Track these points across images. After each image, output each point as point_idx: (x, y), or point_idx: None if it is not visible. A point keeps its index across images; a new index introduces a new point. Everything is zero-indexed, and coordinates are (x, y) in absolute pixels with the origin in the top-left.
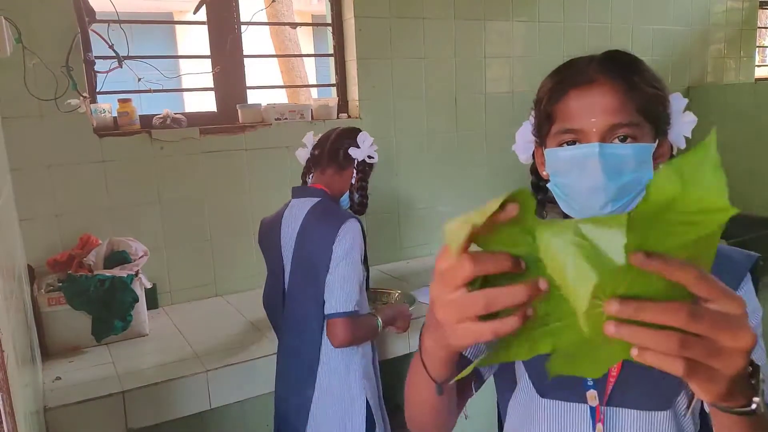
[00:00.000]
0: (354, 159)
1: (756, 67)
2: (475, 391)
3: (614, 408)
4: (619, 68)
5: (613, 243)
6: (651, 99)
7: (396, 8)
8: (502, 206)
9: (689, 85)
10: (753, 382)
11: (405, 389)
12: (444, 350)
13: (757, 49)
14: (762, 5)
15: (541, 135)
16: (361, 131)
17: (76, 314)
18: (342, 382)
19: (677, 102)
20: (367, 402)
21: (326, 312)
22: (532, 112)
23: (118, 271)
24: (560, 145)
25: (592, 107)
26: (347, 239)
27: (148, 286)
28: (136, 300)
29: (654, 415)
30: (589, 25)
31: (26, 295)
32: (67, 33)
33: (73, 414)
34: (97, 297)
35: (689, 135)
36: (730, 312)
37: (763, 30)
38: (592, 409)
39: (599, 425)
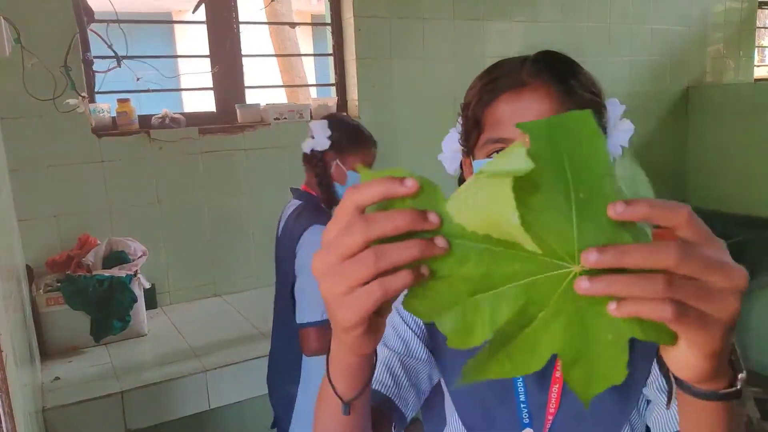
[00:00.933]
0: (317, 153)
1: (755, 67)
2: None
3: None
4: (554, 71)
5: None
6: (588, 105)
7: (395, 8)
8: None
9: (688, 85)
10: (733, 358)
11: (314, 407)
12: (345, 350)
13: (756, 49)
14: (761, 5)
15: (469, 144)
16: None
17: (75, 314)
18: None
19: (614, 108)
20: None
21: (297, 321)
22: (459, 119)
23: (117, 271)
24: (489, 155)
25: (525, 114)
26: (306, 246)
27: (147, 286)
28: (135, 300)
29: None
30: (588, 25)
31: (25, 296)
32: (65, 33)
33: (71, 414)
34: (96, 297)
35: (626, 144)
36: (717, 253)
37: (762, 30)
38: None
39: None
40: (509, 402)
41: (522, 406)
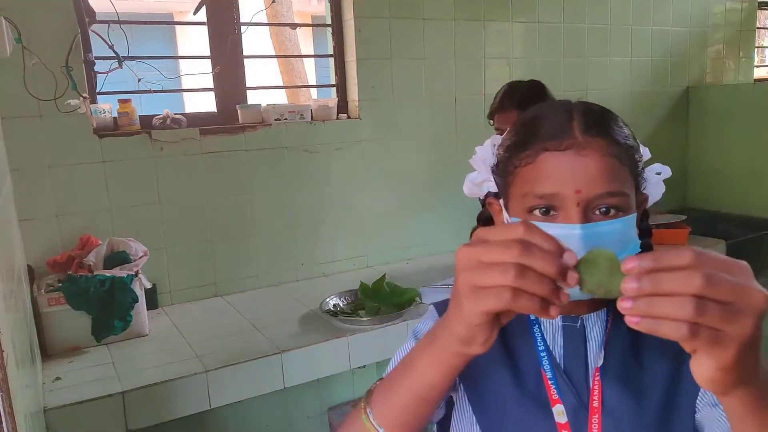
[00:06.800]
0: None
1: (755, 68)
2: None
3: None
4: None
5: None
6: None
7: (396, 8)
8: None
9: (688, 85)
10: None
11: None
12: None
13: (756, 49)
14: (761, 6)
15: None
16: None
17: (76, 314)
18: None
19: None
20: None
21: None
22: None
23: (118, 272)
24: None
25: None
26: None
27: (148, 286)
28: (136, 300)
29: None
30: (588, 26)
31: (26, 296)
32: (67, 33)
33: (72, 414)
34: (97, 297)
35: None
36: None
37: (762, 30)
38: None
39: None
40: None
41: None
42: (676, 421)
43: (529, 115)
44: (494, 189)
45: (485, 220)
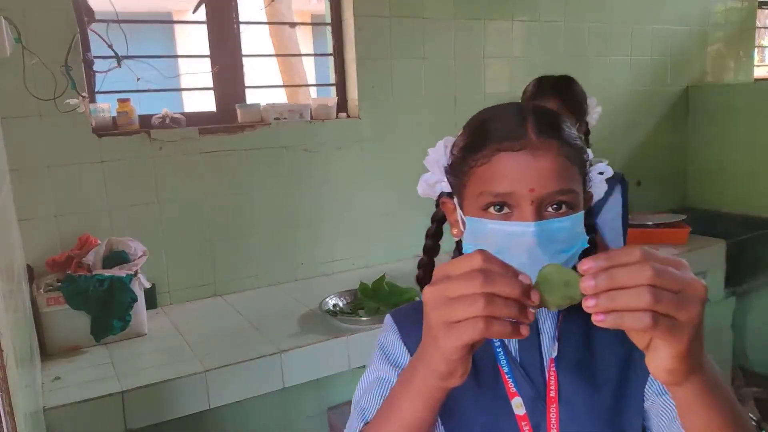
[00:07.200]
0: None
1: (755, 67)
2: None
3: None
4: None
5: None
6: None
7: (396, 8)
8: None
9: (688, 84)
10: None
11: None
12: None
13: (756, 48)
14: (761, 5)
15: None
16: None
17: (75, 314)
18: None
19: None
20: None
21: None
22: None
23: (117, 271)
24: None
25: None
26: None
27: (147, 285)
28: (135, 300)
29: None
30: (589, 25)
31: (25, 295)
32: (66, 33)
33: (72, 414)
34: (96, 297)
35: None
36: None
37: (762, 30)
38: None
39: None
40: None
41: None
42: (627, 409)
43: (483, 116)
44: (447, 189)
45: (439, 220)
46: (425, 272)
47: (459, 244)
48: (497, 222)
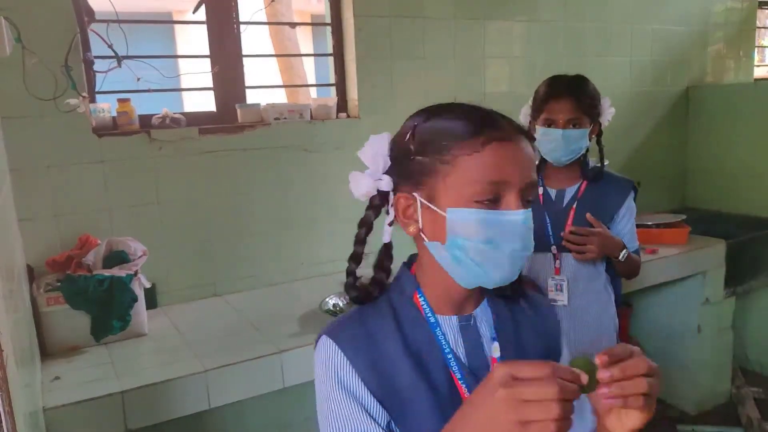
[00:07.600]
0: None
1: (755, 67)
2: None
3: None
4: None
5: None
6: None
7: (396, 8)
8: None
9: (688, 85)
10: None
11: None
12: None
13: (756, 48)
14: (761, 5)
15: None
16: None
17: (75, 314)
18: None
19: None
20: None
21: None
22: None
23: (117, 271)
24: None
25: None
26: None
27: (147, 285)
28: (135, 300)
29: None
30: (588, 25)
31: (25, 295)
32: (66, 33)
33: (71, 414)
34: (96, 297)
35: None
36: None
37: (762, 30)
38: None
39: None
40: None
41: None
42: None
43: (462, 108)
44: (385, 187)
45: (370, 224)
46: (355, 279)
47: (387, 246)
48: (492, 212)
